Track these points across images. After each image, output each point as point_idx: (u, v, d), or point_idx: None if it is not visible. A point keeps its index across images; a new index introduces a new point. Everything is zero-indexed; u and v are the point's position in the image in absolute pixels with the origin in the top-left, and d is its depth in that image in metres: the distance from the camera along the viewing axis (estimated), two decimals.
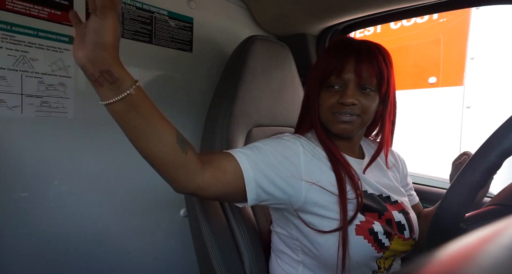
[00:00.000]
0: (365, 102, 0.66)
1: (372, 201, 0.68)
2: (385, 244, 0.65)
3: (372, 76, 0.66)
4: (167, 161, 0.54)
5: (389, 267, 0.70)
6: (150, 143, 0.52)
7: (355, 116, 0.66)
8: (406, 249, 0.71)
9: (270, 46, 1.03)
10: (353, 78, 0.65)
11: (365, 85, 0.66)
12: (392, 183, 0.77)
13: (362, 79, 0.65)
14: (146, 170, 1.06)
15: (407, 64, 1.87)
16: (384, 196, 0.71)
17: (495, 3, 0.98)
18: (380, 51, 0.69)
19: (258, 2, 1.19)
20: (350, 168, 0.69)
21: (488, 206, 0.57)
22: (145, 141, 0.53)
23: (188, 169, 0.55)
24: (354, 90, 0.66)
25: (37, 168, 0.85)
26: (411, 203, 0.83)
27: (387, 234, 0.66)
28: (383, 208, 0.68)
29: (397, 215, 0.69)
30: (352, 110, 0.66)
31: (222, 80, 1.04)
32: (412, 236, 0.70)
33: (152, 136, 0.52)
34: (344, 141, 0.74)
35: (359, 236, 0.63)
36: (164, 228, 1.13)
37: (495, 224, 0.20)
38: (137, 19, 0.99)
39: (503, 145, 0.47)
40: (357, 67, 0.65)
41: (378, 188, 0.71)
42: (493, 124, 0.56)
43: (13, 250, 0.83)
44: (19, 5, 0.79)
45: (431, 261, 0.16)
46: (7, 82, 0.79)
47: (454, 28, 1.67)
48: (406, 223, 0.69)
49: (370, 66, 0.65)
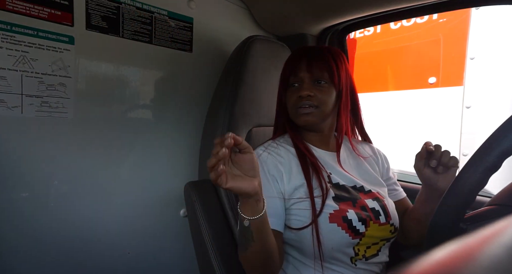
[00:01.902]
0: (320, 94, 0.76)
1: (345, 191, 0.74)
2: (360, 231, 0.70)
3: (323, 71, 0.76)
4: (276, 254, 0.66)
5: (372, 256, 0.73)
6: (269, 241, 0.63)
7: (314, 107, 0.76)
8: (385, 235, 0.74)
9: (270, 46, 1.03)
10: (307, 74, 0.77)
11: (318, 79, 0.77)
12: (368, 173, 0.82)
13: (314, 74, 0.76)
14: (146, 170, 1.07)
15: (407, 64, 1.87)
16: (357, 187, 0.77)
17: (495, 3, 0.98)
18: (330, 51, 0.80)
19: (258, 2, 1.19)
20: (317, 161, 0.76)
21: (488, 206, 0.57)
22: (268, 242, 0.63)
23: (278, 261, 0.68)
24: (309, 84, 0.77)
25: (37, 168, 0.86)
26: (396, 198, 0.86)
27: (362, 220, 0.70)
28: (356, 197, 0.74)
29: (371, 202, 0.74)
30: (310, 101, 0.75)
31: (222, 80, 1.04)
32: (388, 221, 0.74)
33: (271, 238, 0.64)
34: (315, 135, 0.82)
35: (333, 224, 0.69)
36: (164, 228, 1.13)
37: (495, 224, 0.20)
38: (137, 19, 0.99)
39: (503, 145, 0.47)
40: (308, 65, 0.77)
41: (351, 179, 0.77)
42: (493, 124, 0.56)
43: (13, 250, 0.83)
44: (19, 5, 0.79)
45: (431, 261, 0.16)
46: (7, 82, 0.79)
47: (454, 28, 1.67)
48: (380, 209, 0.74)
49: (320, 63, 0.76)
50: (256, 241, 0.60)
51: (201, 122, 1.10)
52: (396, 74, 1.92)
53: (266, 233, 0.61)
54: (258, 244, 0.61)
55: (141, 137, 1.04)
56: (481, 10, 1.58)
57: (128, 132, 1.01)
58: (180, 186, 0.99)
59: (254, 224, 0.59)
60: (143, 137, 1.04)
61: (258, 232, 0.60)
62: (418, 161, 0.72)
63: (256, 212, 0.59)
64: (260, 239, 0.61)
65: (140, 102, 1.03)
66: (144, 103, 1.04)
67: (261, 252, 0.62)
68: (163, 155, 1.10)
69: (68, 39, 0.87)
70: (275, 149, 0.78)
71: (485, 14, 1.57)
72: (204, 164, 1.03)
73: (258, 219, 0.59)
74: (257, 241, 0.60)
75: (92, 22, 0.90)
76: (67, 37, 0.87)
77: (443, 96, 1.70)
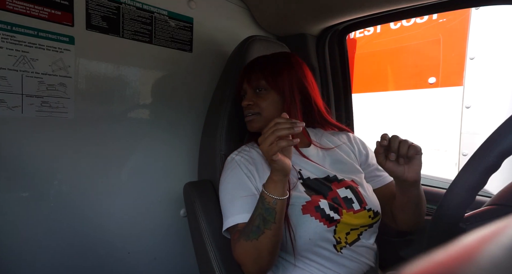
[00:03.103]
0: (260, 101, 0.83)
1: (316, 185, 0.78)
2: (334, 218, 0.72)
3: (259, 79, 0.83)
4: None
5: (354, 241, 0.75)
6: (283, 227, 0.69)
7: (255, 114, 0.84)
8: (364, 222, 0.75)
9: (269, 46, 1.03)
10: (247, 85, 0.86)
11: (257, 88, 0.84)
12: (342, 162, 0.85)
13: (253, 84, 0.84)
14: (146, 170, 1.07)
15: (406, 64, 1.87)
16: (330, 177, 0.80)
17: (495, 3, 0.98)
18: (273, 57, 0.86)
19: (258, 2, 1.19)
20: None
21: (488, 206, 0.57)
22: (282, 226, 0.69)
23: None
24: (250, 94, 0.85)
25: (37, 168, 0.86)
26: (381, 183, 0.86)
27: (334, 209, 0.73)
28: (327, 188, 0.77)
29: (343, 191, 0.77)
30: (251, 110, 0.84)
31: (222, 80, 1.04)
32: (363, 207, 0.76)
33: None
34: None
35: (306, 215, 0.72)
36: (164, 228, 1.13)
37: (495, 224, 0.20)
38: (137, 19, 0.99)
39: (503, 145, 0.47)
40: (247, 77, 0.85)
41: (323, 171, 0.81)
42: (493, 124, 0.56)
43: (13, 250, 0.83)
44: (20, 5, 0.79)
45: (430, 261, 0.16)
46: (7, 82, 0.79)
47: (454, 28, 1.67)
48: (353, 196, 0.76)
49: (256, 73, 0.84)
50: (277, 223, 0.65)
51: (200, 122, 1.10)
52: (396, 74, 1.92)
53: (283, 216, 0.67)
54: (277, 226, 0.65)
55: (141, 137, 1.04)
56: (481, 10, 1.58)
57: (128, 132, 1.01)
58: (180, 186, 1.00)
59: (280, 205, 0.65)
60: (143, 137, 1.05)
61: (281, 213, 0.66)
62: (377, 157, 0.71)
63: (285, 193, 0.66)
64: (280, 220, 0.66)
65: (140, 102, 1.03)
66: (144, 103, 1.04)
67: (277, 235, 0.66)
68: (163, 155, 1.10)
69: (68, 39, 0.87)
70: (247, 152, 0.84)
71: (485, 14, 1.57)
72: (203, 164, 1.03)
73: (285, 199, 0.66)
74: (278, 222, 0.65)
75: (92, 22, 0.90)
76: (67, 37, 0.87)
77: (443, 96, 1.71)
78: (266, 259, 0.67)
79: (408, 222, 0.79)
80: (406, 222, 0.79)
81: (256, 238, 0.65)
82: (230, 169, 0.81)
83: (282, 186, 0.65)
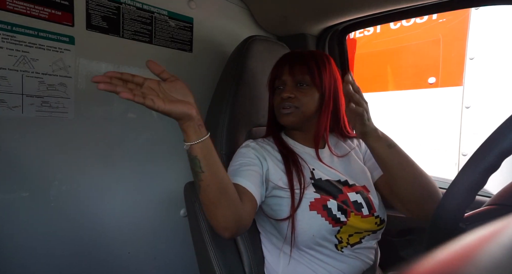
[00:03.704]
0: (301, 96, 0.80)
1: (327, 186, 0.77)
2: (341, 219, 0.72)
3: (304, 74, 0.80)
4: (232, 189, 0.65)
5: (356, 243, 0.76)
6: (221, 173, 0.63)
7: (294, 108, 0.80)
8: (370, 228, 0.75)
9: (269, 46, 1.03)
10: (289, 78, 0.82)
11: (300, 82, 0.81)
12: (354, 168, 0.85)
13: (296, 77, 0.81)
14: (146, 170, 1.07)
15: (406, 64, 1.87)
16: (342, 181, 0.80)
17: (495, 3, 0.98)
18: (313, 55, 0.83)
19: (258, 2, 1.19)
20: (298, 158, 0.81)
21: (488, 206, 0.57)
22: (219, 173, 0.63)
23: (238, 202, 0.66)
24: (291, 86, 0.82)
25: (37, 168, 0.86)
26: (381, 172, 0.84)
27: (342, 210, 0.73)
28: (338, 191, 0.77)
29: (354, 195, 0.77)
30: (291, 102, 0.80)
31: (221, 80, 1.04)
32: (372, 213, 0.76)
33: (221, 169, 0.64)
34: (302, 133, 0.86)
35: (313, 211, 0.72)
36: (164, 228, 1.13)
37: (495, 224, 0.20)
38: (137, 19, 0.99)
39: (502, 145, 0.47)
40: (291, 69, 0.82)
41: (335, 174, 0.81)
42: (493, 124, 0.56)
43: (13, 250, 0.83)
44: (20, 6, 0.79)
45: (430, 261, 0.16)
46: (7, 82, 0.79)
47: (454, 28, 1.67)
48: (363, 201, 0.77)
49: (301, 67, 0.81)
50: (206, 172, 0.60)
51: None
52: (396, 74, 1.92)
53: (213, 161, 0.61)
54: (208, 175, 0.60)
55: (141, 137, 1.04)
56: (480, 10, 1.58)
57: (128, 132, 1.01)
58: (180, 186, 0.99)
59: (200, 150, 0.60)
60: (143, 137, 1.05)
61: (206, 160, 0.60)
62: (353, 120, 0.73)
63: (197, 137, 0.60)
64: (209, 168, 0.60)
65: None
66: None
67: (214, 184, 0.61)
68: (163, 155, 1.10)
69: (69, 39, 0.87)
70: (262, 143, 0.84)
71: (484, 14, 1.57)
72: None
73: (203, 143, 0.60)
74: (206, 171, 0.60)
75: (92, 22, 0.90)
76: (68, 37, 0.87)
77: (443, 96, 1.71)
78: (215, 213, 0.63)
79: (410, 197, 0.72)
80: (410, 200, 0.73)
81: (199, 193, 0.63)
82: (243, 150, 0.81)
83: (192, 131, 0.60)
